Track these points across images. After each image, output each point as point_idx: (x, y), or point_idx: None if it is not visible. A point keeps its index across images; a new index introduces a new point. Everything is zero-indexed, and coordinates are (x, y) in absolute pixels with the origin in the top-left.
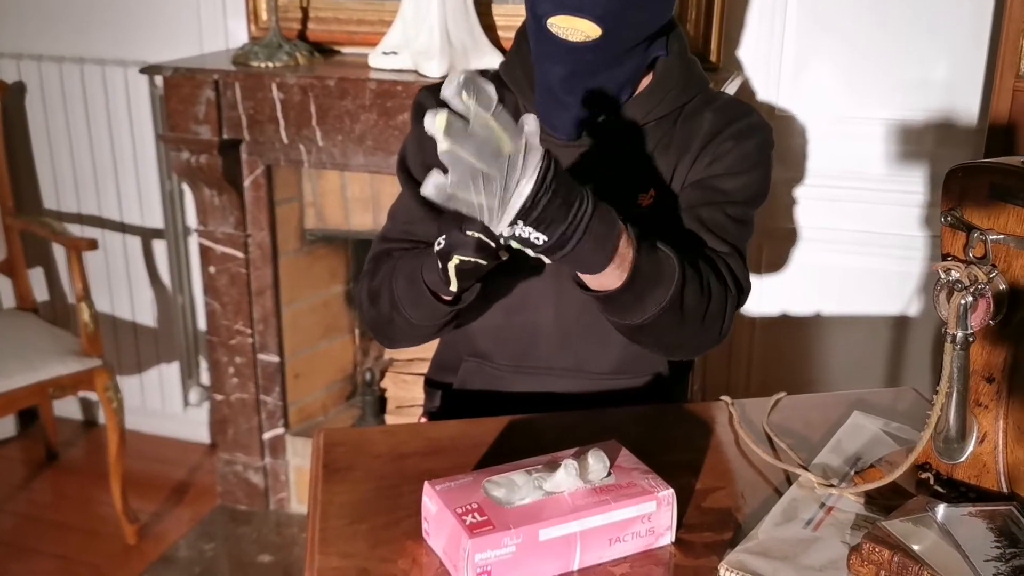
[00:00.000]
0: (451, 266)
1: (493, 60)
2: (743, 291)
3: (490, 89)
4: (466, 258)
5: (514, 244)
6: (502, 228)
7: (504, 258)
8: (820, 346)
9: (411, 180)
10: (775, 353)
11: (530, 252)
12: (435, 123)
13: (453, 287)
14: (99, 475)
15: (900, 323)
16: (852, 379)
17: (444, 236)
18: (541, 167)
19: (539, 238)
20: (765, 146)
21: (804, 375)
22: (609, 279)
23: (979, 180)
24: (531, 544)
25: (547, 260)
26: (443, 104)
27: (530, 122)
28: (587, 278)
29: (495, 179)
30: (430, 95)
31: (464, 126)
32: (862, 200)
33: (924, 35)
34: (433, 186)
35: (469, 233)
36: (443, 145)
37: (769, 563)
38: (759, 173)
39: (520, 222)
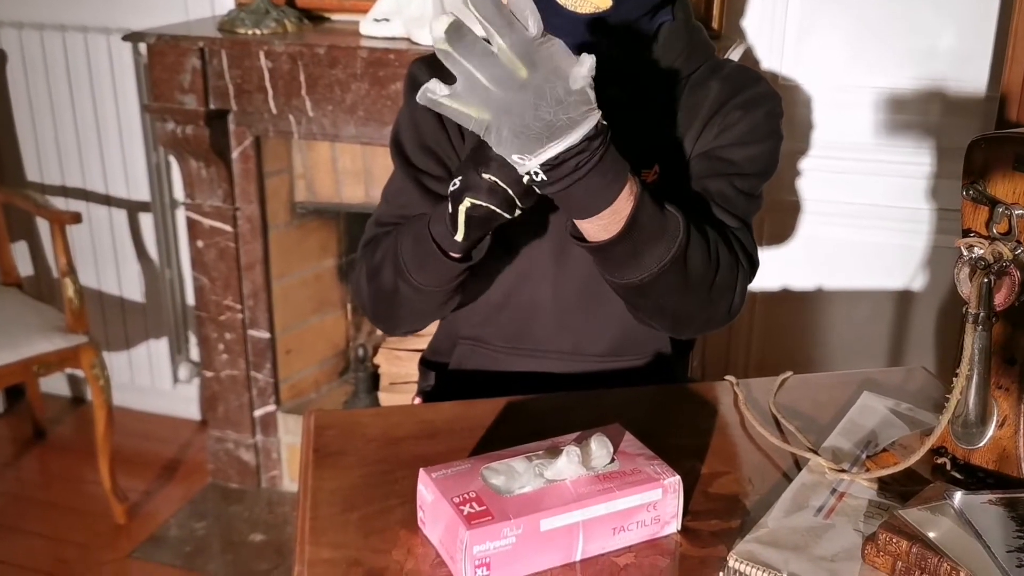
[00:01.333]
0: (462, 209)
1: None
2: (754, 266)
3: (527, 13)
4: (478, 201)
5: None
6: (509, 154)
7: (516, 214)
8: (822, 321)
9: (405, 160)
10: (776, 328)
11: (519, 170)
12: (437, 26)
13: (460, 235)
14: (87, 453)
15: (904, 297)
16: (854, 354)
17: (460, 177)
18: (590, 130)
19: (542, 178)
20: (774, 116)
21: (805, 351)
22: (603, 228)
23: (1004, 151)
24: (532, 535)
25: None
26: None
27: (586, 65)
28: (582, 226)
29: (507, 104)
30: (423, 67)
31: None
32: (866, 172)
33: (931, 3)
34: (426, 93)
35: (485, 176)
36: (440, 46)
37: (780, 553)
38: (769, 145)
39: (531, 159)
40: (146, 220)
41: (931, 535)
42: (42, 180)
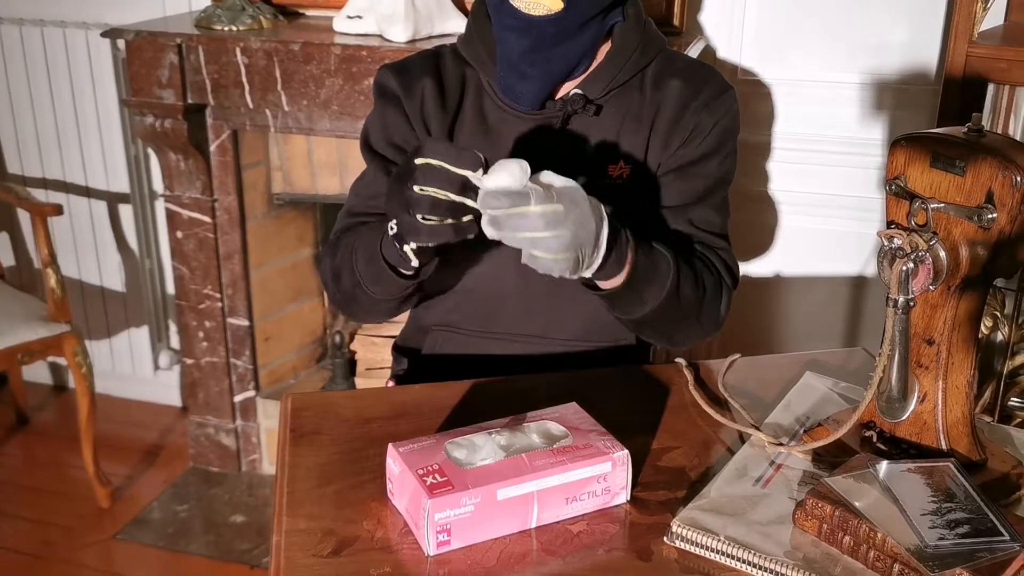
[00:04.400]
0: (408, 250)
1: (458, 24)
2: (736, 280)
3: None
4: (422, 244)
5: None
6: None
7: (470, 236)
8: (780, 306)
9: (375, 155)
10: (737, 314)
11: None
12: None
13: (414, 264)
14: (70, 439)
15: (858, 283)
16: (812, 337)
17: (395, 221)
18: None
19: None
20: (736, 115)
21: (766, 335)
22: (614, 280)
23: (922, 150)
24: (489, 503)
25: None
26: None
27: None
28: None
29: (575, 232)
30: (390, 73)
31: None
32: (821, 163)
33: None
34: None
35: (424, 220)
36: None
37: (719, 519)
38: (732, 144)
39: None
40: (125, 211)
41: (855, 502)
42: (23, 172)
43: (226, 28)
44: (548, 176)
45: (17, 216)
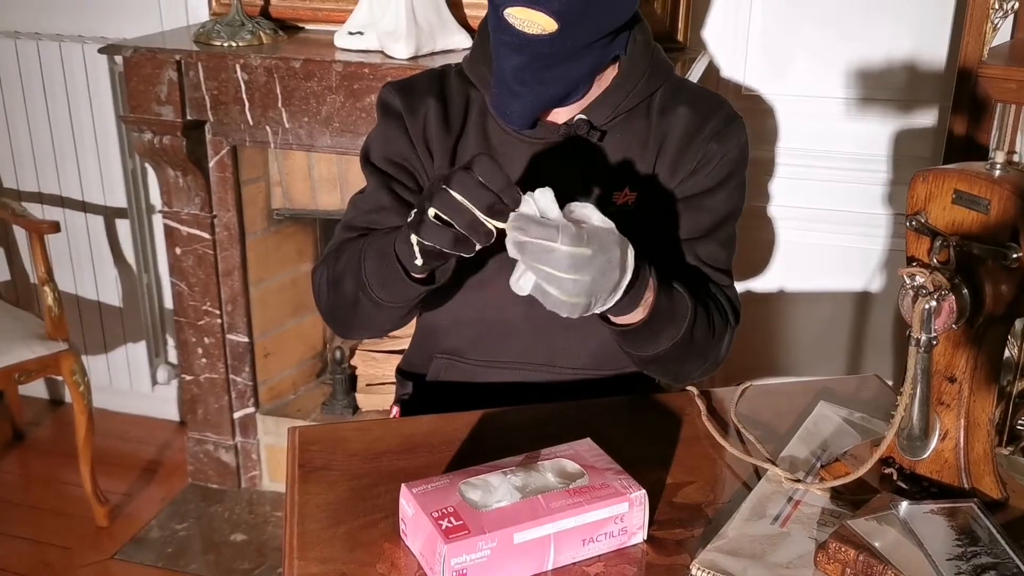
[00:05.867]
0: (414, 241)
1: (461, 40)
2: (739, 318)
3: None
4: (423, 240)
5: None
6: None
7: (469, 255)
8: (785, 321)
9: (376, 169)
10: (743, 330)
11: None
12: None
13: (418, 261)
14: (67, 455)
15: (863, 299)
16: (816, 354)
17: (416, 210)
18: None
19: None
20: (745, 146)
21: (769, 352)
22: (631, 317)
23: (944, 186)
24: (506, 547)
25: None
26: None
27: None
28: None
29: (593, 279)
30: (394, 91)
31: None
32: (826, 179)
33: (888, 16)
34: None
35: (435, 217)
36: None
37: (739, 562)
38: (740, 177)
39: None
40: (123, 226)
41: (877, 544)
42: (18, 187)
43: (225, 44)
44: (586, 210)
45: (12, 230)
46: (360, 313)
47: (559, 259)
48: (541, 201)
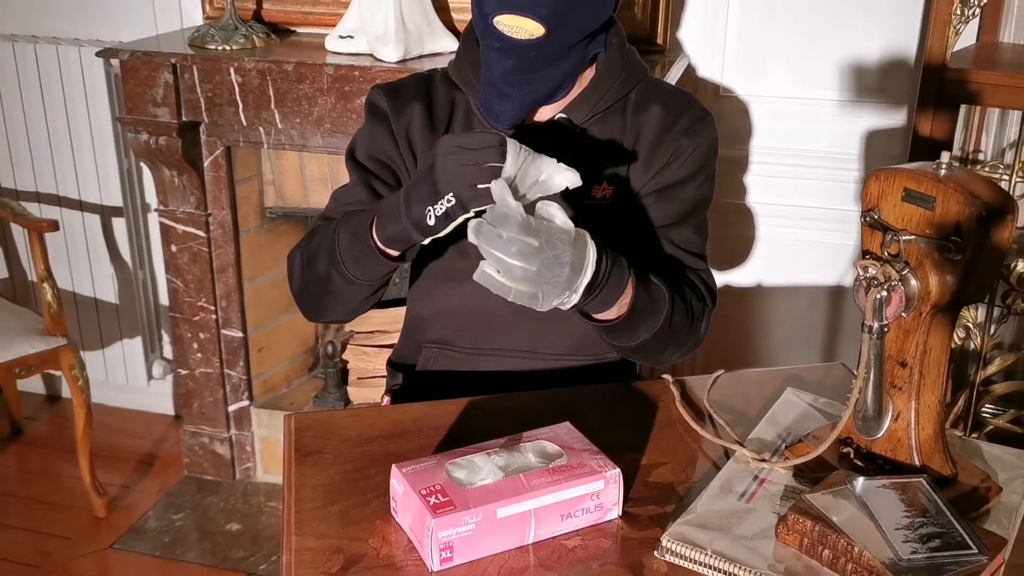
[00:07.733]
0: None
1: (448, 44)
2: (715, 299)
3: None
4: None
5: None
6: (552, 303)
7: (425, 241)
8: (762, 315)
9: (358, 167)
10: (720, 324)
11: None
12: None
13: (431, 221)
14: (65, 449)
15: (836, 292)
16: (793, 347)
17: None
18: (595, 251)
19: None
20: (714, 141)
21: (748, 345)
22: (609, 314)
23: (895, 184)
24: (489, 521)
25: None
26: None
27: (556, 208)
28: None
29: (538, 271)
30: (381, 93)
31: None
32: (801, 176)
33: (859, 19)
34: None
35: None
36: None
37: (706, 534)
38: (710, 169)
39: (573, 295)
40: (118, 224)
41: (833, 517)
42: (16, 186)
43: (220, 47)
44: (552, 209)
45: (10, 228)
46: (331, 290)
47: (505, 244)
48: (498, 190)
